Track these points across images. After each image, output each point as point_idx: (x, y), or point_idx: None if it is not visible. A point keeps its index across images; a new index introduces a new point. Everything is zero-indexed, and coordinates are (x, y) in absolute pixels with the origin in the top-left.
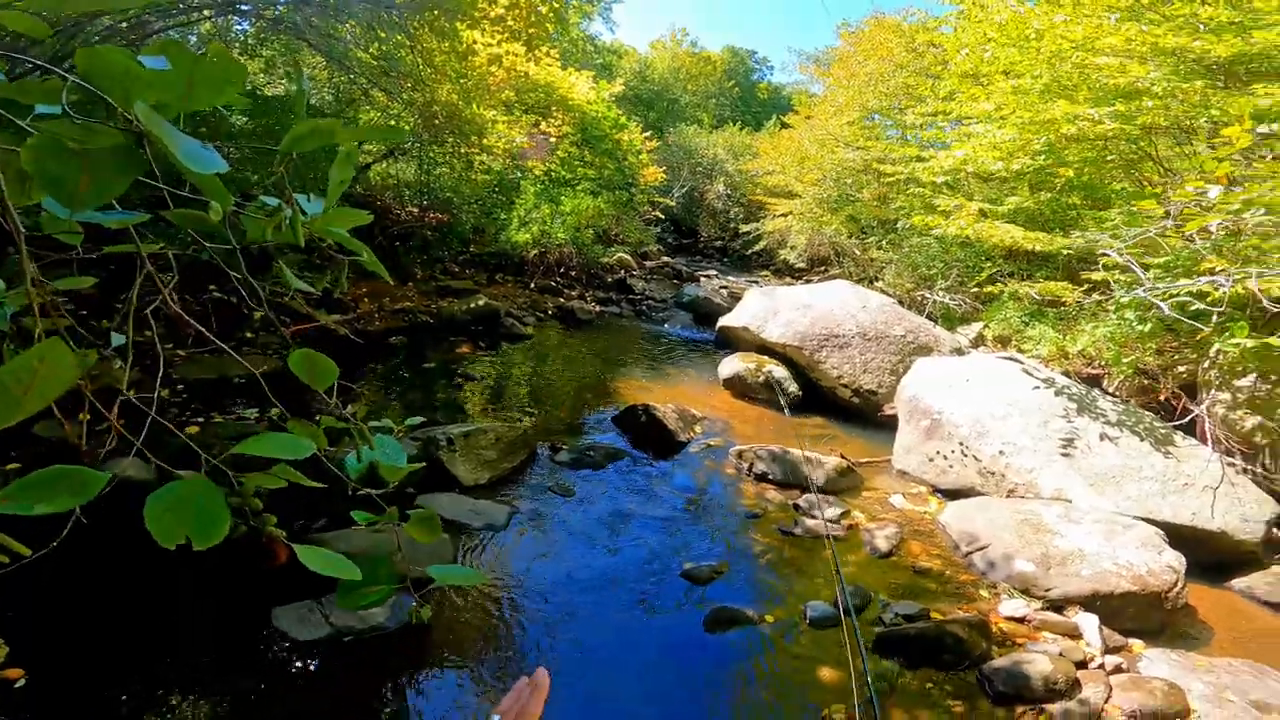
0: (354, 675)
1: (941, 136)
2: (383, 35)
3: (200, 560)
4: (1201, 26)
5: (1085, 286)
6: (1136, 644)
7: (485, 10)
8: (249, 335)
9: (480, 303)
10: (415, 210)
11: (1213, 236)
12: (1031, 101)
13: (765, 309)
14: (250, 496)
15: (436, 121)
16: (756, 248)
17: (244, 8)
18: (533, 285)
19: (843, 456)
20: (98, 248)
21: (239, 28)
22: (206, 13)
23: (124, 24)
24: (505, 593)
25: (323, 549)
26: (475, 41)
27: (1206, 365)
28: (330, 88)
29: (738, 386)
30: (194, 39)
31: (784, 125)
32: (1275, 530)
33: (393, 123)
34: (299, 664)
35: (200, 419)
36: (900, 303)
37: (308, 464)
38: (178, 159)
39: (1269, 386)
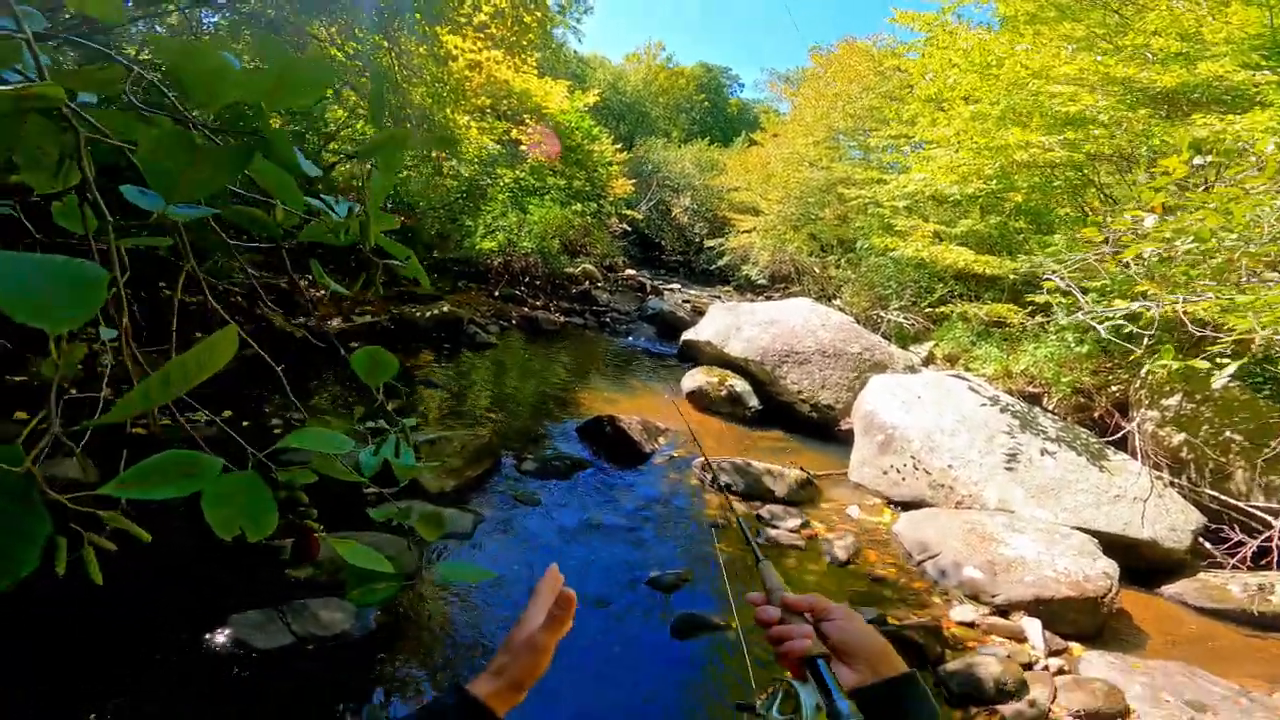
0: (317, 683)
1: (902, 160)
2: (360, 34)
3: (155, 564)
4: (1150, 57)
5: (1029, 309)
6: (1076, 647)
7: (469, 16)
8: (197, 335)
9: (443, 309)
10: None
11: (1146, 262)
12: (988, 128)
13: (728, 324)
14: (297, 490)
15: (408, 124)
16: (720, 263)
17: (218, 1)
18: (497, 294)
19: (802, 469)
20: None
21: (208, 20)
22: (174, 4)
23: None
24: (470, 600)
25: (358, 545)
26: (456, 47)
27: (1138, 385)
28: None
29: (700, 400)
30: (161, 31)
31: (752, 143)
32: (1201, 539)
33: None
34: (259, 673)
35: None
36: (857, 321)
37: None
38: (295, 165)
39: (1194, 405)
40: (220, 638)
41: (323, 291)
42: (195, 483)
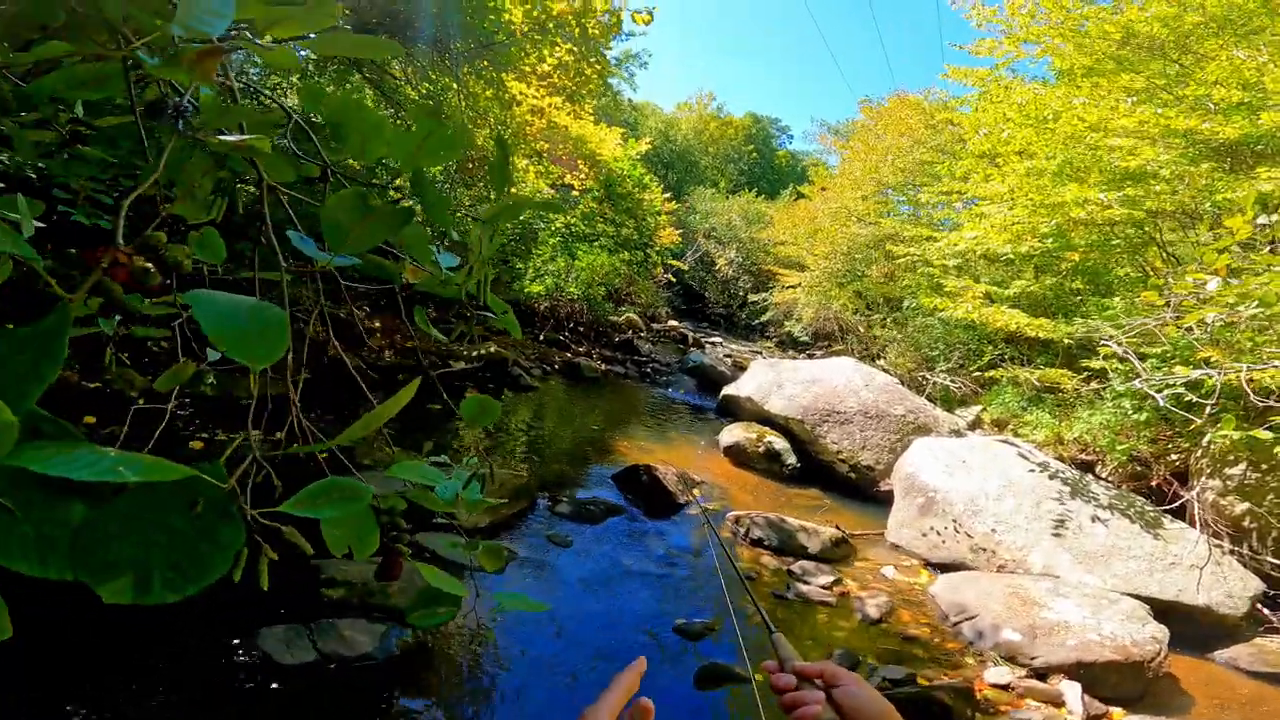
0: (337, 703)
1: (954, 217)
2: (434, 77)
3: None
4: (1212, 108)
5: (1083, 374)
6: (1117, 711)
7: (534, 66)
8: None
9: (490, 349)
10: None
11: (1209, 327)
12: (1044, 184)
13: (769, 381)
14: (397, 516)
15: (470, 165)
16: (763, 318)
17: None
18: (541, 337)
19: (838, 528)
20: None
21: (300, 54)
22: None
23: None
24: (496, 635)
25: (438, 569)
26: (520, 93)
27: (1199, 454)
28: None
29: (737, 454)
30: (255, 71)
31: (799, 195)
32: (1259, 606)
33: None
34: (282, 688)
35: (204, 435)
36: (902, 382)
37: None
38: (443, 221)
39: (1259, 475)
40: (248, 650)
41: (377, 324)
42: (354, 506)
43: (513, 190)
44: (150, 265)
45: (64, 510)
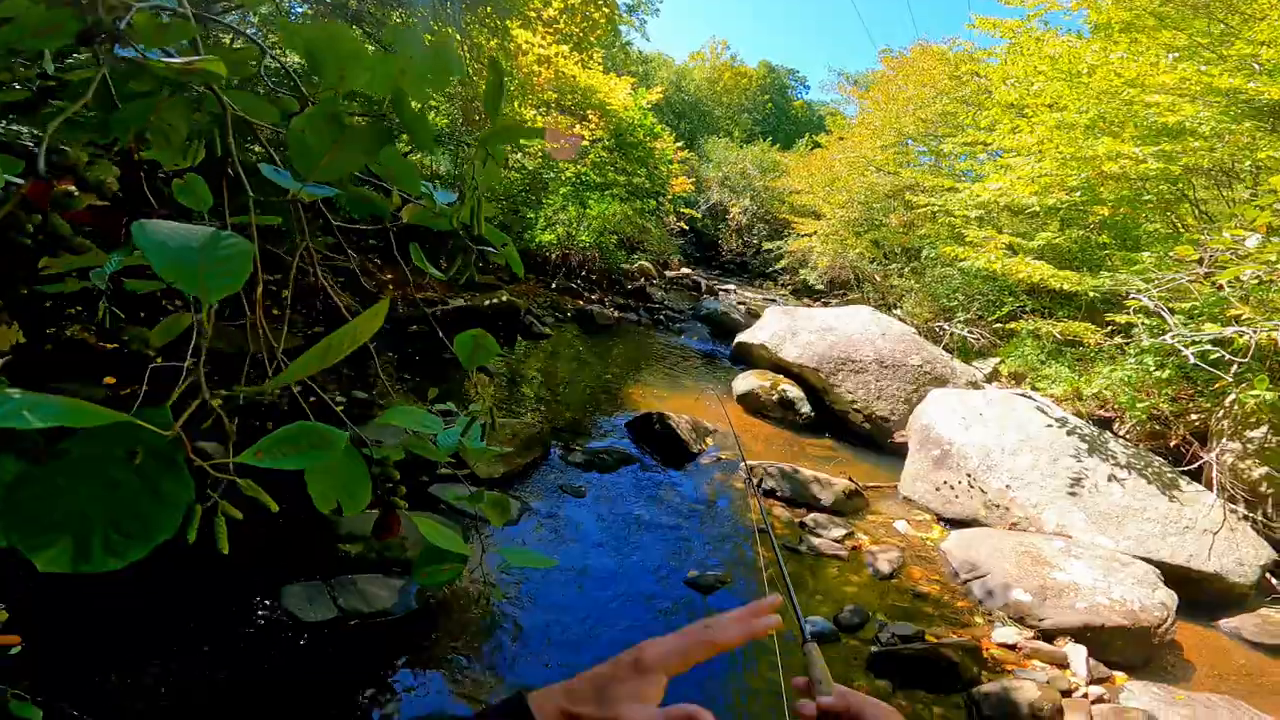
0: (357, 657)
1: (977, 168)
2: (436, 27)
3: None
4: (1258, 68)
5: (1108, 328)
6: (1120, 676)
7: (539, 10)
8: (275, 312)
9: (502, 299)
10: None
11: (1245, 285)
12: (1075, 137)
13: (784, 328)
14: (389, 467)
15: (476, 117)
16: (778, 266)
17: None
18: (554, 285)
19: (851, 479)
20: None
21: (295, 10)
22: None
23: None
24: (512, 587)
25: (439, 524)
26: (526, 41)
27: (1220, 414)
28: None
29: (751, 403)
30: (253, 20)
31: (816, 145)
32: (1269, 575)
33: (431, 114)
34: (304, 644)
35: (224, 390)
36: (918, 332)
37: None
38: (425, 143)
39: None
40: (271, 609)
41: (389, 275)
42: (324, 454)
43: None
44: (73, 188)
45: None
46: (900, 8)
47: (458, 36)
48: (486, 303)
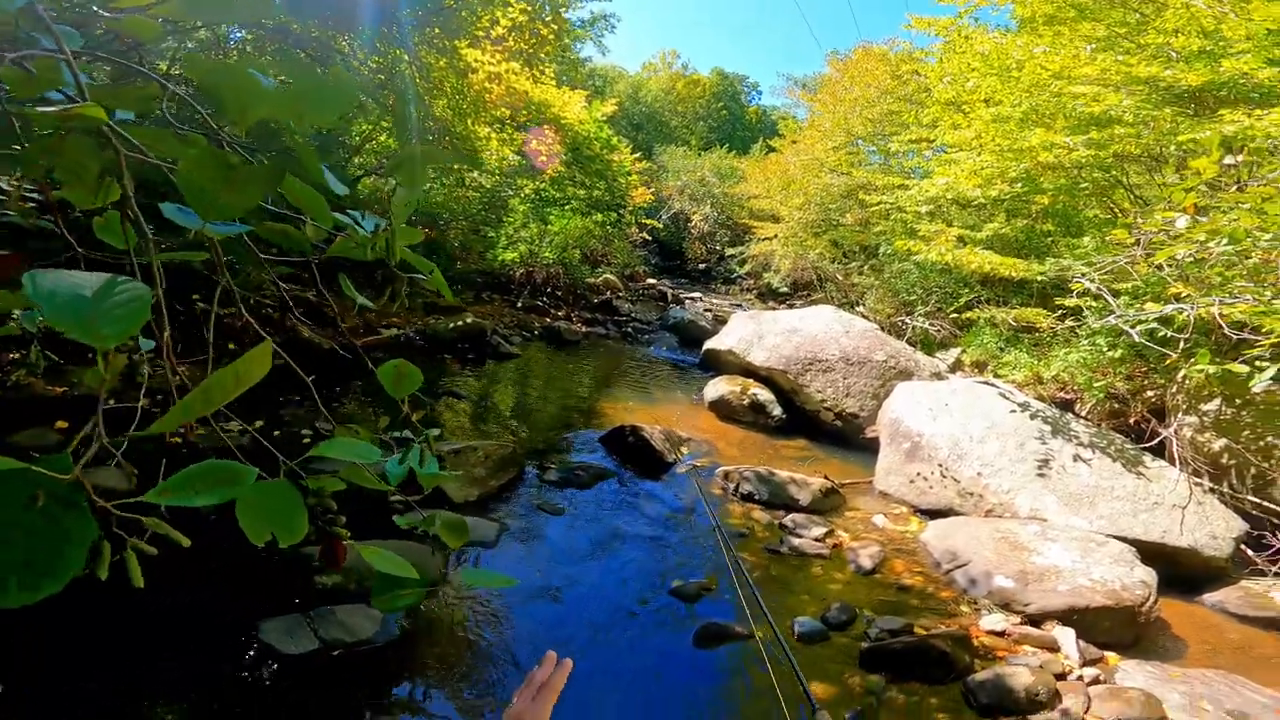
0: (341, 689)
1: (924, 165)
2: (382, 49)
3: (188, 570)
4: (1174, 55)
5: (1058, 312)
6: (1112, 656)
7: (487, 30)
8: (231, 347)
9: (467, 320)
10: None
11: (1180, 264)
12: (1010, 130)
13: (750, 333)
14: (326, 498)
15: (430, 137)
16: (741, 271)
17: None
18: (519, 304)
19: (826, 478)
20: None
21: (234, 36)
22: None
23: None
24: (494, 609)
25: (385, 551)
26: (475, 60)
27: (1174, 390)
28: None
29: (723, 409)
30: (190, 48)
31: (770, 149)
32: (1243, 547)
33: (383, 136)
34: (286, 678)
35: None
36: (881, 328)
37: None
38: (324, 183)
39: (1234, 410)
40: (248, 642)
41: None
42: (232, 491)
43: (480, 157)
44: None
45: None
46: (844, 10)
47: (406, 58)
48: (450, 325)
